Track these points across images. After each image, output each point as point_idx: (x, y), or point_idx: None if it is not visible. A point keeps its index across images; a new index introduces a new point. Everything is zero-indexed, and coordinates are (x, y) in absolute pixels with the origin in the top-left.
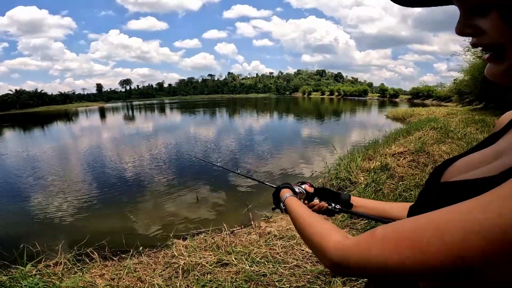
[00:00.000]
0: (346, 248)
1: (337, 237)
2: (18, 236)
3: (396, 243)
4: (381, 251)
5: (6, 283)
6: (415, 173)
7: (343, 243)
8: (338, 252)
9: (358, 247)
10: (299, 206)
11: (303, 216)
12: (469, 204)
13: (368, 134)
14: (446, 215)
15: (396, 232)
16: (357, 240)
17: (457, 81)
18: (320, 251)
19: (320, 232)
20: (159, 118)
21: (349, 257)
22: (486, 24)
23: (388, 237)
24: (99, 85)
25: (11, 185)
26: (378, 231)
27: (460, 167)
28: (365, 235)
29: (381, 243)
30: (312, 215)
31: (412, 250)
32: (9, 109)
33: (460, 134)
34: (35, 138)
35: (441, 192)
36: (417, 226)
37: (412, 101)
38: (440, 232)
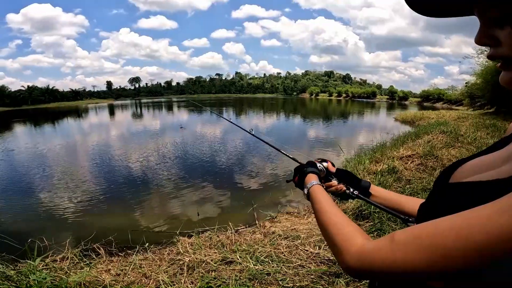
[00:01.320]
0: (367, 254)
1: (358, 242)
2: (26, 230)
3: (419, 248)
4: (404, 256)
5: (14, 277)
6: (422, 177)
7: (364, 249)
8: (360, 258)
9: (379, 253)
10: (326, 200)
11: (329, 212)
12: (489, 208)
13: (376, 136)
14: (467, 220)
15: (417, 237)
16: (378, 245)
17: (469, 84)
18: (341, 254)
19: (344, 234)
20: (166, 116)
21: (369, 263)
22: (503, 36)
23: (410, 242)
24: (109, 82)
25: (21, 180)
26: (397, 235)
27: (469, 169)
28: (384, 240)
29: (403, 248)
30: (338, 213)
31: (436, 255)
32: (21, 105)
33: (470, 139)
34: (45, 133)
35: (450, 192)
36: (438, 231)
37: (422, 104)
38: (463, 237)
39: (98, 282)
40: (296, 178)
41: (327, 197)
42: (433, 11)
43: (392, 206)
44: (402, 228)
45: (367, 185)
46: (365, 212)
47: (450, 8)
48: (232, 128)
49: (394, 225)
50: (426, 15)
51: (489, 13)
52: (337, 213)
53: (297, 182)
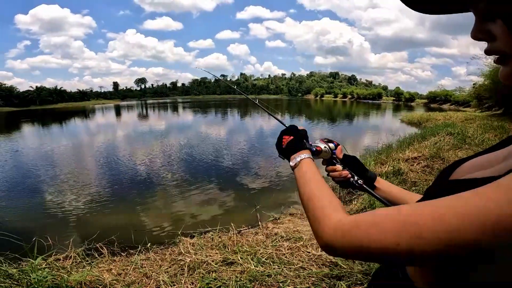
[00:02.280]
0: (342, 227)
1: (337, 216)
2: (31, 229)
3: (395, 226)
4: (378, 231)
5: (15, 275)
6: (428, 179)
7: (340, 222)
8: (334, 231)
9: (356, 225)
10: (315, 173)
11: (315, 185)
12: (468, 193)
13: (382, 138)
14: (446, 201)
15: (396, 215)
16: (356, 220)
17: (477, 85)
18: (317, 227)
19: (323, 207)
20: (172, 117)
21: (343, 236)
22: (496, 30)
23: (388, 219)
24: (116, 83)
25: (27, 179)
26: (380, 210)
27: (468, 168)
28: (365, 214)
29: (380, 224)
30: (324, 188)
31: (410, 234)
32: (29, 105)
33: (477, 141)
34: (52, 134)
35: (447, 188)
36: (416, 211)
37: (429, 105)
38: (438, 217)
39: (99, 281)
40: (287, 138)
41: (317, 171)
42: (430, 8)
43: (394, 201)
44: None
45: (373, 176)
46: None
47: (447, 4)
48: (238, 128)
49: None
50: (424, 12)
51: (479, 7)
52: (323, 188)
53: (286, 144)
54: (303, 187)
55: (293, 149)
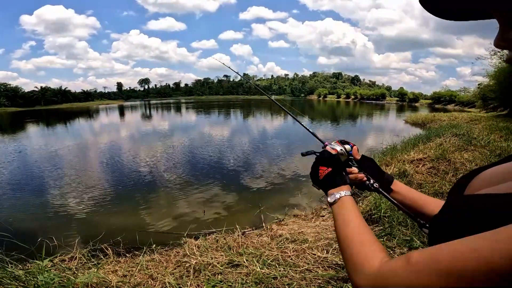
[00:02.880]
0: (381, 278)
1: (375, 263)
2: (36, 230)
3: (436, 272)
4: (419, 279)
5: (22, 277)
6: (434, 181)
7: (379, 272)
8: (374, 282)
9: (394, 276)
10: (356, 215)
11: (352, 226)
12: (507, 231)
13: (386, 139)
14: (486, 243)
15: (434, 260)
16: (393, 268)
17: (482, 86)
18: (352, 273)
19: (360, 252)
20: (175, 117)
21: (382, 285)
22: None
23: (426, 264)
24: (119, 83)
25: (32, 179)
26: (413, 257)
27: (483, 180)
28: (400, 262)
29: (419, 271)
30: (366, 232)
31: (454, 279)
32: (34, 105)
33: (483, 142)
34: (57, 134)
35: (464, 205)
36: (457, 254)
37: (433, 106)
38: (483, 263)
39: (105, 283)
40: (324, 170)
41: (358, 211)
42: (453, 15)
43: (413, 205)
44: (419, 250)
45: (390, 179)
46: (375, 216)
47: (470, 12)
48: (241, 129)
49: (405, 230)
50: (446, 18)
51: (505, 16)
52: (363, 228)
53: (323, 177)
54: (341, 227)
55: (331, 183)
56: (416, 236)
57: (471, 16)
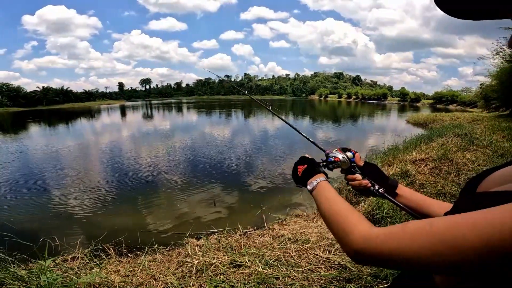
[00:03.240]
0: (373, 237)
1: (365, 226)
2: (38, 229)
3: (430, 238)
4: (412, 242)
5: (25, 277)
6: (436, 181)
7: (370, 232)
8: (365, 240)
9: (388, 237)
10: (333, 192)
11: (336, 201)
12: (504, 208)
13: (387, 139)
14: (482, 214)
15: (430, 227)
16: (387, 230)
17: (484, 85)
18: (344, 237)
19: (348, 219)
20: (177, 117)
21: (376, 246)
22: None
23: (422, 231)
24: (121, 83)
25: (34, 179)
26: (411, 223)
27: (495, 179)
28: (396, 227)
29: (413, 235)
30: (345, 204)
31: (446, 245)
32: (36, 105)
33: (486, 142)
34: (58, 134)
35: (476, 201)
36: (452, 224)
37: (435, 106)
38: (476, 230)
39: (108, 283)
40: (301, 168)
41: (334, 190)
42: (467, 15)
43: (418, 209)
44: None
45: (395, 184)
46: (377, 217)
47: (484, 12)
48: (242, 129)
49: None
50: (460, 18)
51: None
52: (344, 202)
53: (301, 173)
54: (324, 205)
55: (308, 175)
56: None
57: (485, 16)
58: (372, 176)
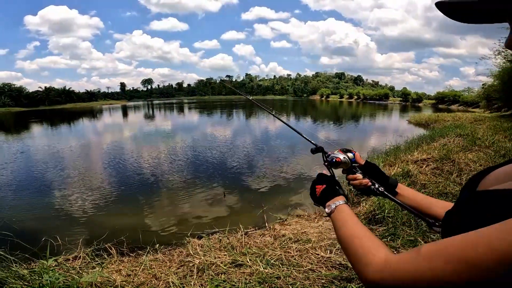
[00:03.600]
0: (390, 266)
1: (381, 256)
2: (41, 229)
3: (446, 259)
4: (430, 266)
5: (27, 276)
6: (438, 181)
7: (385, 262)
8: (381, 272)
9: (404, 264)
10: (353, 216)
11: (354, 226)
12: None
13: (389, 139)
14: (496, 229)
15: (445, 249)
16: (403, 257)
17: (486, 86)
18: (360, 267)
19: (364, 247)
20: (178, 118)
21: (392, 275)
22: None
23: (438, 253)
24: (123, 84)
25: (36, 179)
26: (425, 247)
27: (495, 177)
28: (410, 252)
29: (430, 259)
30: (364, 229)
31: (463, 265)
32: (38, 105)
33: (488, 142)
34: (60, 134)
35: (477, 199)
36: (467, 243)
37: (437, 106)
38: (492, 248)
39: (109, 283)
40: (320, 188)
41: (353, 214)
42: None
43: (419, 208)
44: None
45: (395, 183)
46: (379, 217)
47: (487, 17)
48: (243, 129)
49: (408, 230)
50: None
51: None
52: (362, 228)
53: (320, 194)
54: (342, 229)
55: (327, 197)
56: (420, 236)
57: (483, 20)
58: (372, 176)
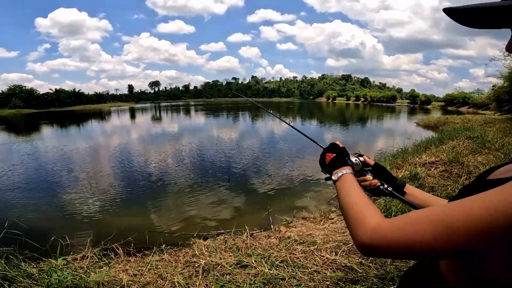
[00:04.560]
0: (380, 229)
1: (374, 219)
2: (49, 229)
3: (428, 223)
4: (414, 230)
5: (36, 275)
6: (447, 184)
7: (376, 225)
8: (371, 233)
9: (392, 228)
10: (356, 185)
11: (354, 195)
12: (495, 189)
13: (397, 142)
14: (474, 197)
15: (430, 215)
16: (392, 221)
17: (496, 87)
18: (354, 230)
19: (361, 212)
20: (184, 120)
21: (380, 238)
22: None
23: (423, 218)
24: (130, 86)
25: (45, 179)
26: (413, 213)
27: (504, 170)
28: (399, 217)
29: (414, 223)
30: (363, 197)
31: (445, 228)
32: (49, 107)
33: (498, 145)
34: (70, 135)
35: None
36: (449, 208)
37: (446, 108)
38: (468, 211)
39: (116, 282)
40: (330, 156)
41: (357, 184)
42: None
43: (424, 207)
44: None
45: (403, 184)
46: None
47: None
48: (249, 132)
49: None
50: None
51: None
52: (364, 197)
53: (329, 161)
54: (344, 197)
55: (335, 165)
56: None
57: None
58: (381, 177)
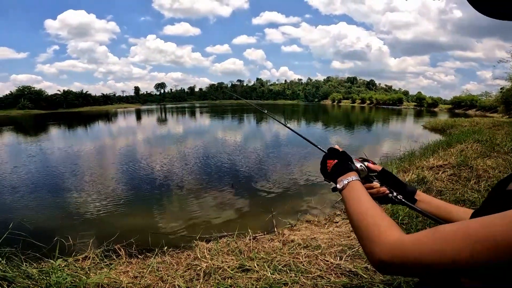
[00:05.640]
0: (403, 245)
1: (393, 235)
2: (52, 229)
3: (467, 239)
4: (447, 246)
5: (35, 275)
6: (455, 188)
7: (397, 241)
8: (391, 250)
9: (418, 243)
10: (365, 193)
11: (367, 204)
12: None
13: (403, 145)
14: None
15: (463, 229)
16: (418, 236)
17: (504, 90)
18: (369, 245)
19: (376, 225)
20: (189, 122)
21: (403, 254)
22: None
23: (458, 233)
24: (137, 88)
25: (50, 180)
26: (442, 227)
27: None
28: (426, 232)
29: (448, 239)
30: (376, 207)
31: (486, 246)
32: (57, 108)
33: (507, 148)
34: (76, 136)
35: (506, 198)
36: (489, 223)
37: (453, 111)
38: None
39: (116, 284)
40: (331, 162)
41: (366, 192)
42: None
43: (440, 215)
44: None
45: (413, 190)
46: None
47: None
48: (256, 133)
49: None
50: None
51: None
52: (375, 206)
53: (331, 169)
54: (353, 207)
55: (339, 172)
56: None
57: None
58: (389, 183)
